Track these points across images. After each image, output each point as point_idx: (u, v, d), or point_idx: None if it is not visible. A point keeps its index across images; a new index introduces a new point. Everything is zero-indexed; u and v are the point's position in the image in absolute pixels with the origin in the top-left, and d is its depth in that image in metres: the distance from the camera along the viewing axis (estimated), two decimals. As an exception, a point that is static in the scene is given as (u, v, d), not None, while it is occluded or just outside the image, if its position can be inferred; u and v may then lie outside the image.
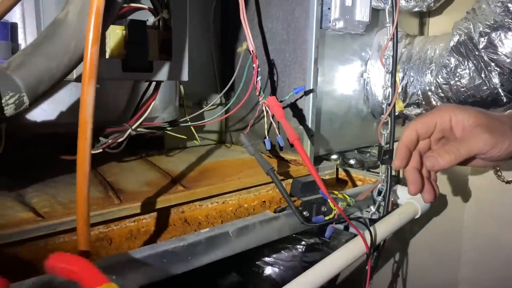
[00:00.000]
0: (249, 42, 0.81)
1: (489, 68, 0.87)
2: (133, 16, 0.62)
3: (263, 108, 0.84)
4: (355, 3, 0.89)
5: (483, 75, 0.88)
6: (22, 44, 0.62)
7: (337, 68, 1.01)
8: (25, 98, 0.41)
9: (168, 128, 0.82)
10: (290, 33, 0.91)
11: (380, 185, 0.88)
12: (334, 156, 1.09)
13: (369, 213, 0.88)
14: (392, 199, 0.89)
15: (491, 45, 0.86)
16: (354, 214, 0.89)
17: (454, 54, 0.92)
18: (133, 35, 0.61)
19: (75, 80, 0.59)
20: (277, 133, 0.86)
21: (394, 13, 0.81)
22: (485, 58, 0.87)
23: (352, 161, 1.14)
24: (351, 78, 1.05)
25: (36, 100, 0.42)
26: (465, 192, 1.17)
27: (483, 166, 0.65)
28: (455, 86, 0.92)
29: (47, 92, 0.43)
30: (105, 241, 0.63)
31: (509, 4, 0.83)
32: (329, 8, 0.88)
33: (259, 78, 0.83)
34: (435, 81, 0.96)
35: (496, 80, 0.87)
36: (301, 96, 0.90)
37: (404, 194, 0.93)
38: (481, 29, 0.87)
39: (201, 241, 0.60)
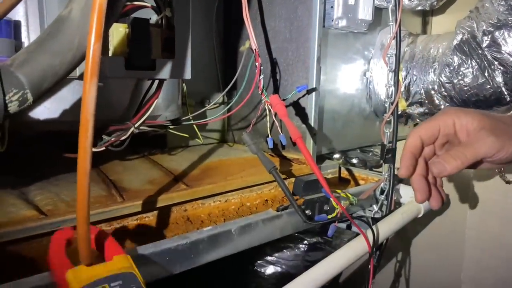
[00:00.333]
0: (251, 40, 0.81)
1: (492, 66, 0.87)
2: (136, 14, 0.62)
3: (266, 107, 0.84)
4: (358, 2, 0.89)
5: (486, 74, 0.88)
6: (25, 42, 0.62)
7: (339, 67, 1.01)
8: (29, 95, 0.41)
9: (171, 126, 0.82)
10: (293, 32, 0.90)
11: (382, 184, 0.88)
12: (336, 155, 1.09)
13: (372, 212, 0.88)
14: (395, 198, 0.89)
15: (494, 44, 0.86)
16: (357, 213, 0.88)
17: (457, 53, 0.92)
18: (136, 33, 0.61)
19: (78, 78, 0.59)
20: (280, 131, 0.85)
21: (397, 11, 0.81)
22: (489, 56, 0.87)
23: (354, 160, 1.13)
24: (353, 76, 1.05)
25: (39, 97, 0.42)
26: (468, 192, 1.17)
27: (490, 169, 0.64)
28: (458, 85, 0.92)
29: (50, 89, 0.43)
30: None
31: (513, 3, 0.82)
32: (332, 7, 0.87)
33: (261, 76, 0.83)
34: (438, 80, 0.96)
35: (499, 79, 0.87)
36: (304, 95, 0.90)
37: (407, 193, 0.93)
38: (484, 27, 0.87)
39: (204, 239, 0.60)
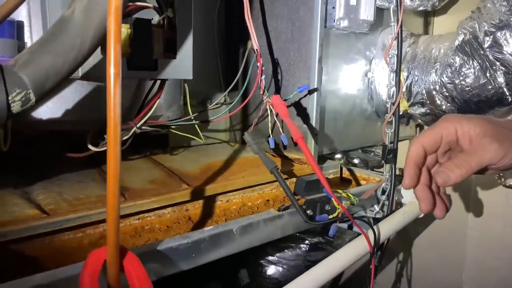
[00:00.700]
0: (253, 41, 0.81)
1: (494, 67, 0.87)
2: (138, 15, 0.62)
3: (267, 107, 0.85)
4: (359, 2, 0.89)
5: (488, 74, 0.88)
6: (28, 43, 0.62)
7: (341, 67, 1.01)
8: (32, 95, 0.41)
9: (173, 126, 0.82)
10: (295, 32, 0.91)
11: (384, 184, 0.88)
12: (338, 156, 1.09)
13: (373, 212, 0.88)
14: (396, 198, 0.89)
15: (496, 44, 0.86)
16: (358, 213, 0.89)
17: (459, 53, 0.92)
18: (138, 33, 0.61)
19: (81, 78, 0.59)
20: (281, 131, 0.86)
21: (398, 12, 0.81)
22: (490, 57, 0.87)
23: (356, 160, 1.13)
24: (355, 77, 1.05)
25: (42, 97, 0.42)
26: (469, 192, 1.17)
27: (492, 174, 0.63)
28: (459, 86, 0.92)
29: (53, 89, 0.43)
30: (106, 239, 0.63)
31: (515, 3, 0.82)
32: (333, 7, 0.88)
33: (263, 77, 0.84)
34: (439, 80, 0.96)
35: (501, 79, 0.87)
36: (305, 95, 0.90)
37: (408, 193, 0.93)
38: (486, 28, 0.87)
39: (205, 239, 0.61)
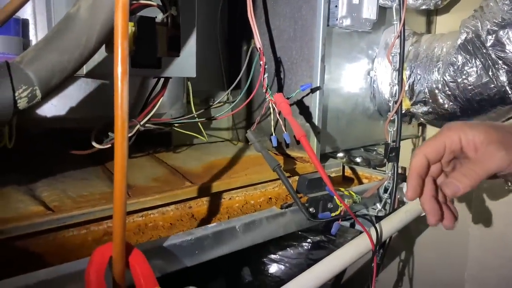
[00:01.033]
0: (256, 39, 0.82)
1: (496, 66, 0.87)
2: (142, 13, 0.63)
3: (270, 105, 0.85)
4: (362, 1, 0.89)
5: (490, 73, 0.88)
6: (33, 40, 0.62)
7: (344, 66, 1.01)
8: (38, 91, 0.42)
9: (176, 124, 0.83)
10: (297, 31, 0.91)
11: (386, 182, 0.88)
12: (340, 154, 1.09)
13: (375, 211, 0.89)
14: (398, 197, 0.89)
15: (498, 43, 0.86)
16: (360, 211, 0.89)
17: (462, 52, 0.92)
18: (142, 31, 0.62)
19: (85, 75, 0.60)
20: (284, 130, 0.86)
21: (401, 10, 0.81)
22: (493, 56, 0.87)
23: (358, 159, 1.14)
24: (358, 76, 1.06)
25: (48, 93, 0.43)
26: (471, 191, 1.17)
27: (503, 179, 0.62)
28: (462, 84, 0.92)
29: (58, 86, 0.43)
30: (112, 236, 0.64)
31: (517, 2, 0.83)
32: (336, 6, 0.88)
33: (266, 75, 0.84)
34: (442, 79, 0.96)
35: (503, 78, 0.87)
36: (308, 94, 0.90)
37: (410, 191, 0.93)
38: (488, 27, 0.87)
39: (209, 236, 0.61)
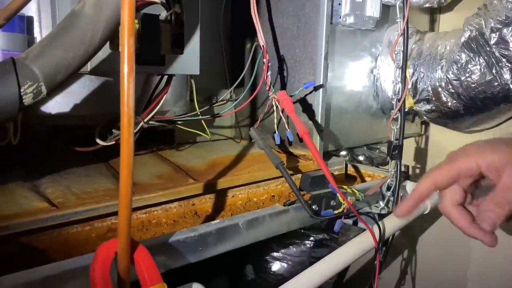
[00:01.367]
0: (259, 37, 0.82)
1: (500, 64, 0.87)
2: (146, 10, 0.63)
3: (273, 103, 0.85)
4: (365, -1, 0.89)
5: (494, 71, 0.88)
6: (38, 37, 0.63)
7: (347, 64, 1.01)
8: (43, 87, 0.42)
9: (179, 122, 0.83)
10: (301, 29, 0.91)
11: (389, 180, 0.88)
12: (343, 152, 1.09)
13: (378, 208, 0.88)
14: (401, 195, 0.89)
15: (502, 41, 0.86)
16: (363, 209, 0.89)
17: (465, 50, 0.92)
18: (146, 28, 0.62)
19: (89, 72, 0.60)
20: (287, 127, 0.86)
21: (404, 8, 0.81)
22: (497, 54, 0.87)
23: (361, 157, 1.14)
24: (361, 74, 1.05)
25: (53, 89, 0.43)
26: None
27: None
28: (465, 82, 0.92)
29: (63, 82, 0.44)
30: (117, 232, 0.64)
31: (521, 0, 0.82)
32: (339, 4, 0.88)
33: (269, 73, 0.84)
34: (445, 77, 0.95)
35: (507, 76, 0.87)
36: (311, 91, 0.91)
37: (413, 189, 0.93)
38: (492, 25, 0.87)
39: (212, 232, 0.61)
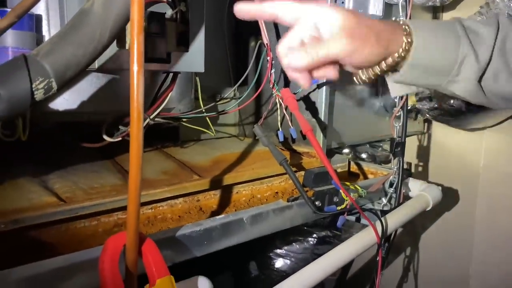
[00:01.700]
0: (263, 35, 0.83)
1: (502, 62, 0.87)
2: (152, 9, 0.64)
3: (277, 101, 0.86)
4: (368, -3, 0.90)
5: (496, 69, 0.88)
6: (46, 35, 0.64)
7: (350, 62, 1.01)
8: (54, 83, 0.43)
9: (184, 119, 0.84)
10: (304, 27, 0.92)
11: (392, 177, 0.89)
12: (346, 150, 1.10)
13: (381, 205, 0.89)
14: (404, 191, 0.90)
15: (504, 39, 0.86)
16: (366, 205, 0.90)
17: (467, 48, 0.92)
18: (152, 27, 0.63)
19: (97, 70, 0.61)
20: (290, 125, 0.87)
21: (407, 7, 0.82)
22: (499, 52, 0.87)
23: (364, 155, 1.14)
24: (363, 72, 1.06)
25: (63, 85, 0.44)
26: (476, 187, 1.17)
27: (354, 72, 0.59)
28: (468, 80, 0.93)
29: (73, 79, 0.45)
30: (123, 227, 0.65)
31: (523, -2, 0.83)
32: (342, 2, 0.89)
33: (273, 70, 0.85)
34: (448, 75, 0.96)
35: (509, 74, 0.87)
36: (314, 89, 0.91)
37: (416, 186, 0.94)
38: (494, 23, 0.88)
39: (217, 227, 0.62)
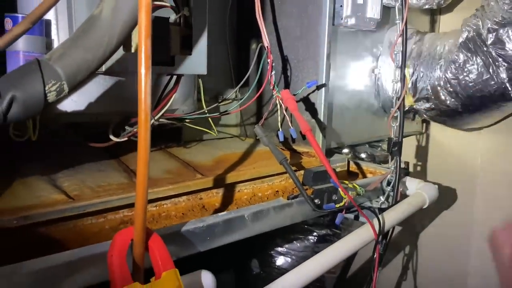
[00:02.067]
0: (264, 38, 0.85)
1: (496, 63, 0.90)
2: (157, 14, 0.67)
3: (277, 102, 0.88)
4: (366, 1, 0.92)
5: (491, 70, 0.91)
6: (55, 39, 0.66)
7: (348, 64, 1.04)
8: (65, 86, 0.46)
9: (187, 119, 0.86)
10: (304, 30, 0.94)
11: (389, 176, 0.91)
12: (345, 150, 1.12)
13: (379, 203, 0.92)
14: (401, 190, 0.92)
15: (499, 41, 0.89)
16: (365, 204, 0.92)
17: (463, 50, 0.95)
18: (156, 31, 0.65)
19: (104, 73, 0.64)
20: (290, 125, 0.89)
21: (403, 10, 0.84)
22: (493, 53, 0.90)
23: (363, 154, 1.16)
24: (362, 73, 1.08)
25: (74, 88, 0.47)
26: (474, 186, 1.19)
27: None
28: (463, 81, 0.95)
29: (83, 82, 0.47)
30: (129, 224, 0.68)
31: (517, 1, 0.85)
32: (341, 6, 0.91)
33: (273, 72, 0.87)
34: (444, 76, 0.98)
35: (503, 75, 0.89)
36: (314, 90, 0.94)
37: (413, 185, 0.96)
38: (489, 25, 0.90)
39: (219, 223, 0.65)
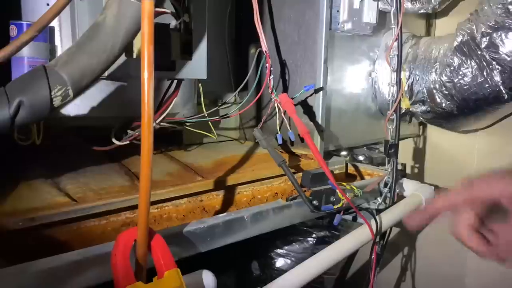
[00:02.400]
0: (262, 43, 0.87)
1: (490, 66, 0.91)
2: (158, 20, 0.68)
3: (275, 105, 0.90)
4: (362, 6, 0.94)
5: (485, 73, 0.92)
6: (59, 46, 0.68)
7: (346, 68, 1.06)
8: (70, 91, 0.47)
9: (188, 123, 0.88)
10: (301, 35, 0.96)
11: (386, 177, 0.93)
12: (343, 152, 1.13)
13: (376, 204, 0.93)
14: (398, 191, 0.94)
15: (492, 45, 0.91)
16: (362, 205, 0.93)
17: (458, 54, 0.96)
18: (157, 37, 0.67)
19: (106, 78, 0.65)
20: (288, 128, 0.91)
21: (398, 15, 0.86)
22: (487, 57, 0.92)
23: (361, 157, 1.18)
24: (359, 77, 1.10)
25: (79, 93, 0.48)
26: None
27: None
28: (458, 84, 0.97)
29: (88, 87, 0.49)
30: (130, 225, 0.69)
31: (510, 6, 0.87)
32: (338, 11, 0.93)
33: (271, 76, 0.89)
34: (439, 79, 1.00)
35: (497, 78, 0.91)
36: (311, 94, 0.95)
37: (409, 186, 0.97)
38: (483, 29, 0.92)
39: (220, 224, 0.66)
